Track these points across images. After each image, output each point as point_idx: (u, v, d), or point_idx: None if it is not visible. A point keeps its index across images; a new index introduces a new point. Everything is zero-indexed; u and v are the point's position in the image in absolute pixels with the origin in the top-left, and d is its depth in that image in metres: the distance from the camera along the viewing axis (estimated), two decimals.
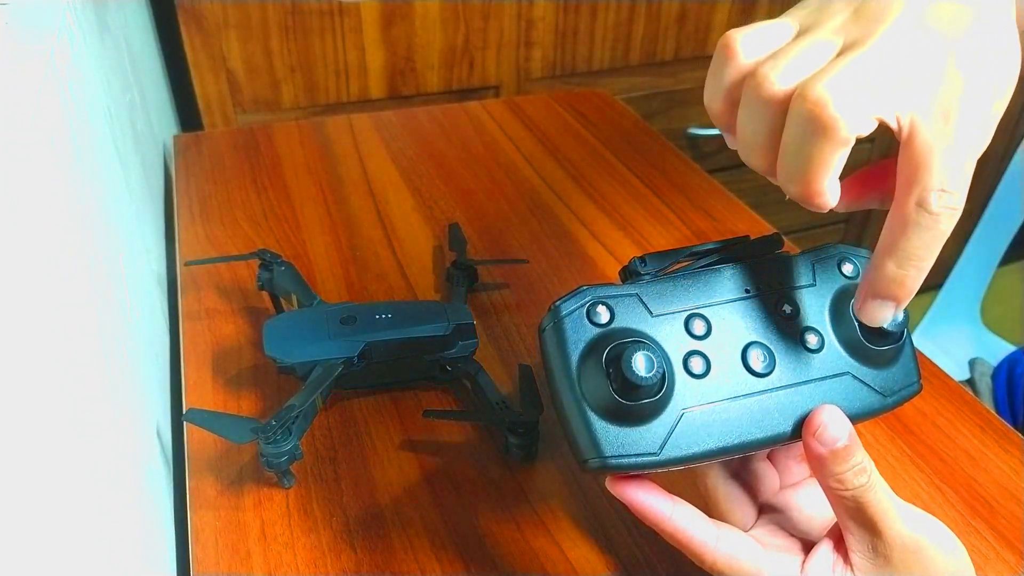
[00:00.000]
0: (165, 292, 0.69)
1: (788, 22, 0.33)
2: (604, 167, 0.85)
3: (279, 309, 0.61)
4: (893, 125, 0.30)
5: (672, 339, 0.34)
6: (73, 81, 0.45)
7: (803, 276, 0.36)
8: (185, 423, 0.51)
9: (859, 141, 0.30)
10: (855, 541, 0.35)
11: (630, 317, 0.34)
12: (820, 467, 0.34)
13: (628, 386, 0.31)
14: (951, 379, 0.58)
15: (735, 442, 0.33)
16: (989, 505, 0.49)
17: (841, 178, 0.32)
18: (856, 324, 0.35)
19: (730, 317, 0.35)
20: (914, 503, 0.48)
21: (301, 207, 0.76)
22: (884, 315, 0.32)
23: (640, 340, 0.32)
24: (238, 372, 0.57)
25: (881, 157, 0.37)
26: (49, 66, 0.39)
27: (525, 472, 0.50)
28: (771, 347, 0.34)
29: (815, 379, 0.34)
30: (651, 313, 0.34)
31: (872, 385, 0.35)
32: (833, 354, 0.35)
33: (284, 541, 0.46)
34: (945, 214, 0.29)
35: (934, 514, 0.36)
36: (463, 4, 1.12)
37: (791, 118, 0.30)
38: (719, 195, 0.81)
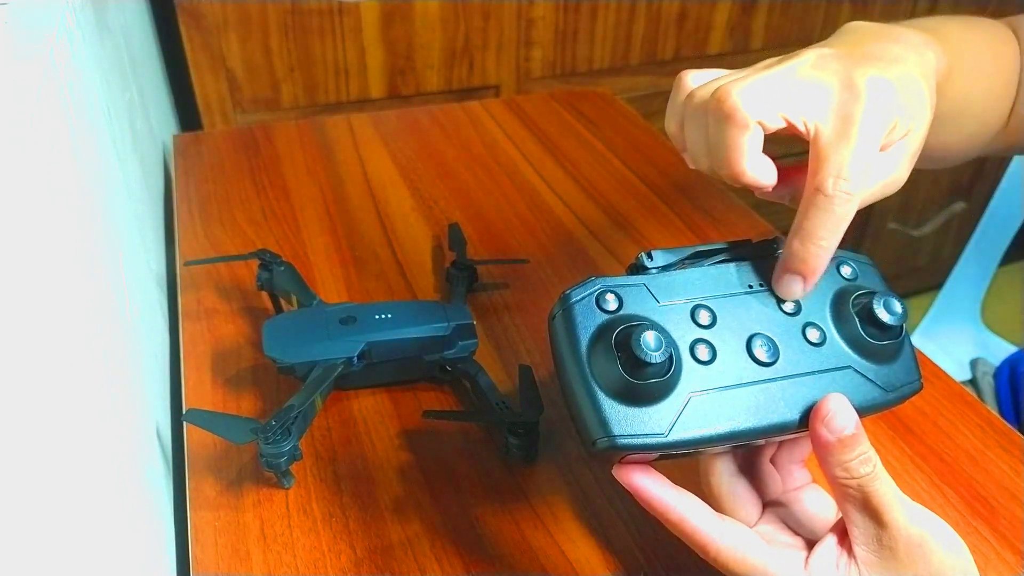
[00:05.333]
0: (165, 292, 0.69)
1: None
2: (604, 167, 0.85)
3: (279, 309, 0.61)
4: (801, 128, 0.35)
5: (679, 327, 0.35)
6: (72, 81, 0.45)
7: None
8: (185, 423, 0.51)
9: None
10: (860, 534, 0.35)
11: (638, 305, 0.35)
12: (827, 455, 0.34)
13: (638, 363, 0.32)
14: (952, 379, 0.58)
15: (742, 428, 0.34)
16: (989, 505, 0.49)
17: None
18: (857, 320, 0.36)
19: (734, 310, 0.36)
20: None
21: (301, 207, 0.76)
22: (793, 289, 0.36)
23: (649, 324, 0.33)
24: (238, 372, 0.57)
25: None
26: (48, 66, 0.39)
27: (525, 472, 0.50)
28: (774, 339, 0.35)
29: (818, 371, 0.35)
30: (658, 302, 0.35)
31: (874, 380, 0.36)
32: (835, 348, 0.36)
33: (284, 541, 0.46)
34: (840, 197, 0.34)
35: (934, 514, 0.36)
36: (463, 4, 1.12)
37: (709, 114, 0.36)
38: (719, 195, 0.81)
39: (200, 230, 0.72)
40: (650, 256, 0.36)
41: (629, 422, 0.33)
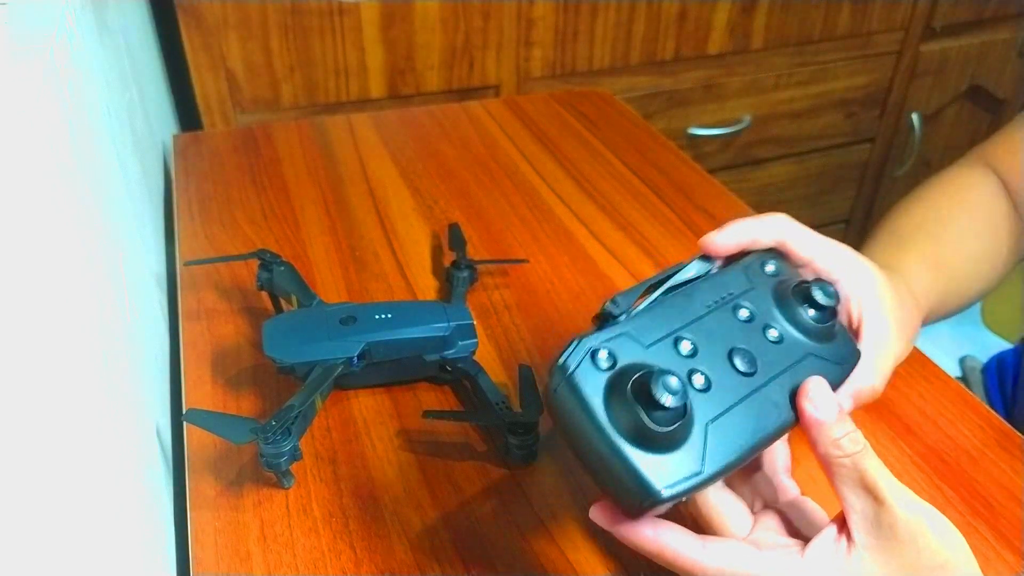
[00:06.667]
0: (165, 292, 0.69)
1: None
2: (604, 167, 0.85)
3: (279, 309, 0.61)
4: None
5: (671, 363, 0.36)
6: (72, 81, 0.45)
7: (742, 283, 0.40)
8: (185, 423, 0.51)
9: (859, 141, 0.31)
10: (859, 518, 0.35)
11: (630, 353, 0.35)
12: (819, 434, 0.36)
13: (663, 410, 0.32)
14: (952, 379, 0.58)
15: (757, 439, 0.35)
16: (989, 505, 0.49)
17: None
18: (797, 306, 0.39)
19: (706, 332, 0.37)
20: None
21: (301, 207, 0.76)
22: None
23: (654, 368, 0.34)
24: (238, 372, 0.57)
25: (881, 157, 0.40)
26: (49, 66, 0.39)
27: (525, 472, 0.50)
28: (748, 348, 0.37)
29: (789, 366, 0.38)
30: (644, 345, 0.36)
31: (829, 359, 0.39)
32: (793, 340, 0.39)
33: (284, 541, 0.46)
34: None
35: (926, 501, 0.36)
36: (463, 4, 1.12)
37: None
38: (719, 195, 0.81)
39: (200, 230, 0.72)
40: (615, 303, 0.37)
41: (667, 471, 0.33)
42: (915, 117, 1.59)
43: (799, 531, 0.39)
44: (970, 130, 1.71)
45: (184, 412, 0.50)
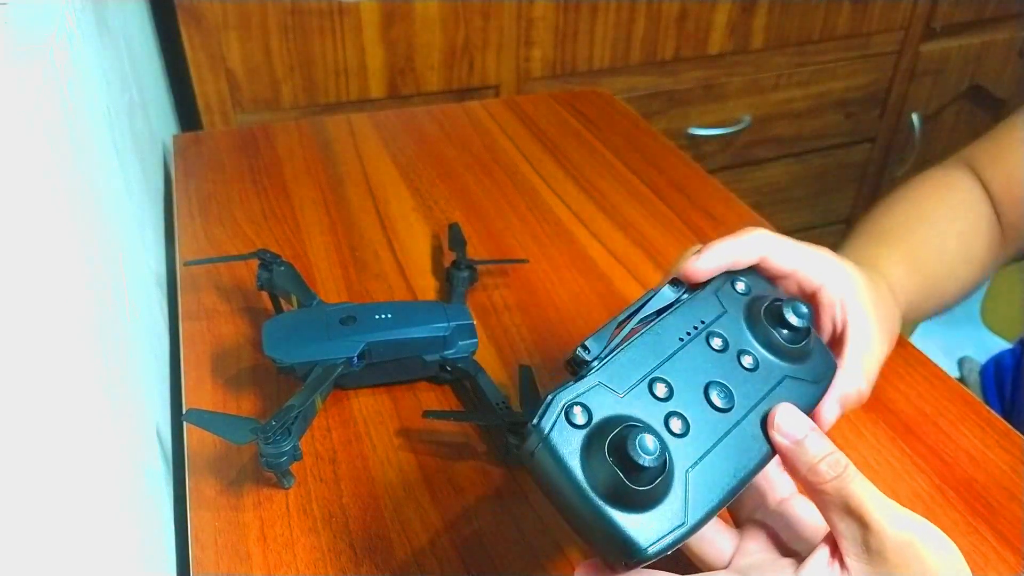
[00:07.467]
0: (165, 292, 0.69)
1: None
2: (604, 167, 0.85)
3: (279, 309, 0.61)
4: None
5: (648, 410, 0.35)
6: (72, 81, 0.45)
7: (714, 308, 0.39)
8: (185, 423, 0.51)
9: (859, 141, 0.31)
10: (848, 544, 0.34)
11: (605, 406, 0.34)
12: (795, 462, 0.35)
13: (641, 470, 0.32)
14: (952, 379, 0.58)
15: (738, 479, 0.35)
16: (989, 505, 0.49)
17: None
18: (775, 332, 0.38)
19: (679, 369, 0.36)
20: (915, 503, 0.48)
21: (301, 207, 0.76)
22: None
23: (630, 423, 0.33)
24: (238, 372, 0.57)
25: (881, 157, 0.39)
26: (48, 66, 0.39)
27: (525, 472, 0.50)
28: (724, 382, 0.36)
29: (766, 393, 0.37)
30: (619, 394, 0.35)
31: (807, 378, 0.38)
32: (768, 365, 0.38)
33: (284, 541, 0.46)
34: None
35: (935, 514, 0.36)
36: (463, 4, 1.12)
37: None
38: (719, 195, 0.81)
39: (200, 230, 0.72)
40: (586, 349, 0.36)
41: (651, 528, 0.32)
42: (915, 117, 1.59)
43: (788, 543, 0.38)
44: (970, 130, 1.70)
45: (184, 412, 0.50)
